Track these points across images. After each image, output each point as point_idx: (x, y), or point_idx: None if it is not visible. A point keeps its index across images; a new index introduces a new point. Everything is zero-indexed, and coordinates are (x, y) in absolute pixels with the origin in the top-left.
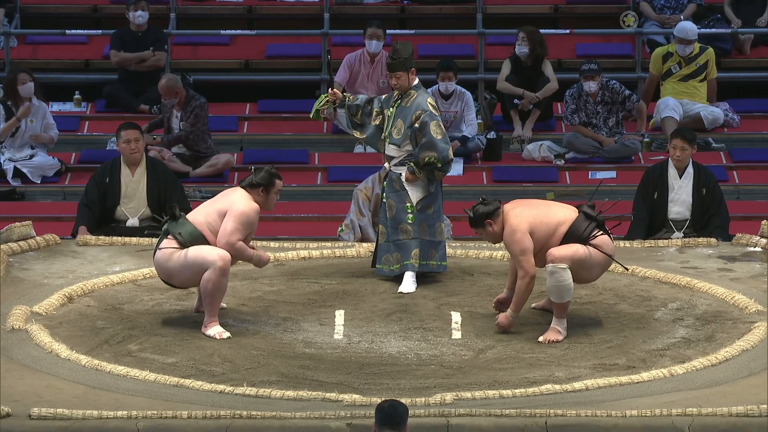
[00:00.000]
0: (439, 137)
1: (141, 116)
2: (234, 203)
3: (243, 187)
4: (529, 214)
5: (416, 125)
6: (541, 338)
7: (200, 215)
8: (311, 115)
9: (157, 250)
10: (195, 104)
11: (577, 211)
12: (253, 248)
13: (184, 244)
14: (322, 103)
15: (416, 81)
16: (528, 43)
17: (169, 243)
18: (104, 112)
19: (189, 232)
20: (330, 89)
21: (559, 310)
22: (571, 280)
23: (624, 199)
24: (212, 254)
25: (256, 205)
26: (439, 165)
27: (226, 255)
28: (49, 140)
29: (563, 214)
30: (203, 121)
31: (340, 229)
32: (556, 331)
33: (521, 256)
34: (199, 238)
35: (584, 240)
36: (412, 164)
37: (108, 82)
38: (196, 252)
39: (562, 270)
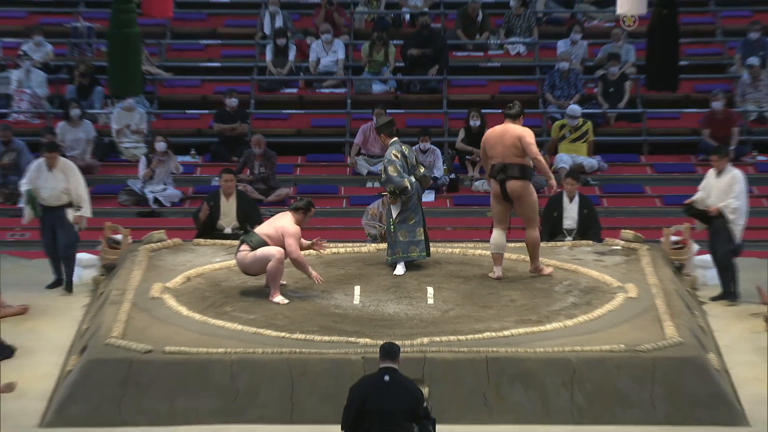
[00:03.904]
0: (393, 174)
1: (233, 164)
2: (285, 227)
3: (290, 210)
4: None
5: (382, 168)
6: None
7: (263, 229)
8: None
9: (237, 252)
10: (270, 155)
11: None
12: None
13: (253, 248)
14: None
15: (393, 140)
16: (479, 117)
17: (244, 248)
18: (210, 162)
19: (257, 241)
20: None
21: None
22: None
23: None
24: (273, 250)
25: (298, 226)
26: (398, 192)
27: (282, 251)
28: (175, 167)
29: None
30: (275, 166)
31: (367, 233)
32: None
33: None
34: (263, 244)
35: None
36: (387, 192)
37: (212, 143)
38: (262, 250)
39: None
